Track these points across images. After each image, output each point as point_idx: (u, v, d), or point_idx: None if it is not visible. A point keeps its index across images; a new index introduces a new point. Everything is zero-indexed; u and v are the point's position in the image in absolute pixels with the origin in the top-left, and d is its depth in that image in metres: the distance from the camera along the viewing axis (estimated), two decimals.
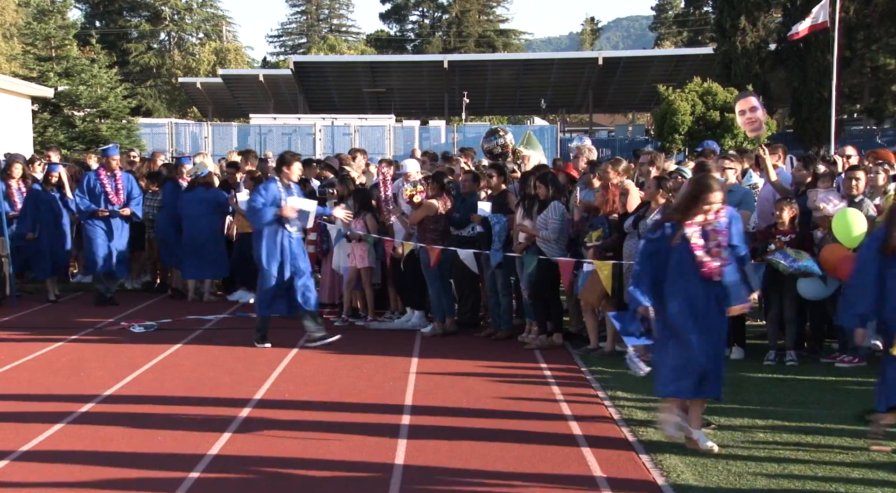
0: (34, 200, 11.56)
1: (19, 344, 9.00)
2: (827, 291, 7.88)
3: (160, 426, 6.27)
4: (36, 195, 11.59)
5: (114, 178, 11.48)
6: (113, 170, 11.54)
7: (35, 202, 11.55)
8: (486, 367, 8.05)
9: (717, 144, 13.22)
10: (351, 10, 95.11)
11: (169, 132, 38.08)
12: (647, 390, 7.17)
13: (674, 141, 29.64)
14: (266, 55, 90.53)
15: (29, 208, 11.59)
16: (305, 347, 8.86)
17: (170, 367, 8.16)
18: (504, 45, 78.72)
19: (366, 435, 6.04)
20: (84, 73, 29.29)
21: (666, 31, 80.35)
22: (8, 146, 15.93)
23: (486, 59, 52.48)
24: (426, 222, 9.55)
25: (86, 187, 11.34)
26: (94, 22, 70.95)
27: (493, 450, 5.72)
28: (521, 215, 8.93)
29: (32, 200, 11.57)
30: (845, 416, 6.45)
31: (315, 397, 7.05)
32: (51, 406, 6.74)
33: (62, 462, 5.50)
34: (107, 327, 9.96)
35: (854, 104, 42.71)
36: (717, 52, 36.36)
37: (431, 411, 6.65)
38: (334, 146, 33.81)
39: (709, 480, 5.15)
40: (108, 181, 11.41)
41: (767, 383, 7.46)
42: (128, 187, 11.54)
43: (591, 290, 8.35)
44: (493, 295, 9.47)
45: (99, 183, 11.37)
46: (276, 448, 5.77)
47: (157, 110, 62.81)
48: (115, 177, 11.50)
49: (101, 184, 11.37)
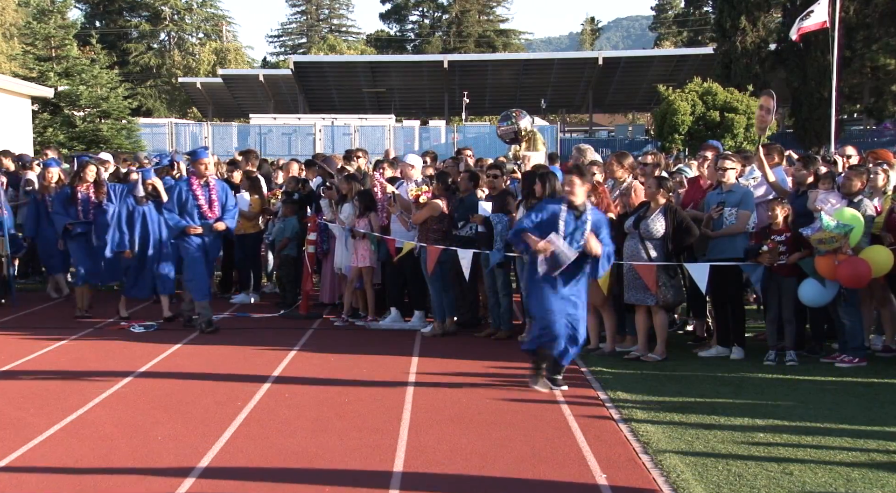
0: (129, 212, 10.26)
1: (19, 344, 9.00)
2: (827, 295, 7.88)
3: (160, 425, 6.27)
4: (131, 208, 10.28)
5: (207, 187, 9.83)
6: (205, 177, 9.87)
7: (130, 215, 10.26)
8: (486, 367, 8.05)
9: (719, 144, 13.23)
10: (351, 10, 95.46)
11: (169, 132, 38.13)
12: (647, 391, 7.19)
13: (674, 141, 29.66)
14: (266, 55, 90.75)
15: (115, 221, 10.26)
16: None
17: (170, 367, 8.16)
18: (504, 45, 78.73)
19: (366, 435, 6.04)
20: (84, 73, 29.34)
21: (666, 31, 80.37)
22: (8, 146, 15.93)
23: (486, 59, 52.49)
24: (429, 222, 9.54)
25: (175, 199, 9.70)
26: (94, 22, 70.99)
27: (493, 450, 5.72)
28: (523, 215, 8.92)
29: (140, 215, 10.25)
30: (845, 416, 6.45)
31: (315, 397, 7.05)
32: (51, 406, 6.74)
33: (62, 462, 5.50)
34: (107, 327, 9.97)
35: (854, 104, 42.73)
36: (717, 52, 36.40)
37: (431, 411, 6.65)
38: (334, 146, 33.84)
39: (709, 480, 5.15)
40: (201, 191, 9.76)
41: (767, 383, 7.46)
42: (222, 198, 9.89)
43: (590, 290, 8.33)
44: (493, 295, 9.47)
45: (191, 194, 9.71)
46: (276, 448, 5.77)
47: (157, 110, 62.87)
48: (209, 185, 9.84)
49: (194, 195, 9.71)
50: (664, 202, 8.22)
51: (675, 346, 8.67)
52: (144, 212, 10.28)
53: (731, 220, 8.38)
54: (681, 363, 8.16)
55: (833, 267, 7.64)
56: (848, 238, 7.64)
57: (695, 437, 5.95)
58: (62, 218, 10.46)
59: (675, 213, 8.19)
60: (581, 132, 52.92)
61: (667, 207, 8.20)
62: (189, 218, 9.64)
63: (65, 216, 10.44)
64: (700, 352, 8.57)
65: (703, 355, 8.49)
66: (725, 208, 8.40)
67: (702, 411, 6.58)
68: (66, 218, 10.41)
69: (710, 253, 8.46)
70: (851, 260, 7.66)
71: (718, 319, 8.69)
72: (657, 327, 8.28)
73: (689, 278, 8.37)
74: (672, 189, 8.68)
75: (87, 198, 10.45)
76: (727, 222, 8.40)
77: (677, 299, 8.48)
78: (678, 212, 8.24)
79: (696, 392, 7.17)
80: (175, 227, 9.68)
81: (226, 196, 9.95)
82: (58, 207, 10.59)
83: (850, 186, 8.21)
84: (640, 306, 8.28)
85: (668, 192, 8.36)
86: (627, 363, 8.15)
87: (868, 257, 7.72)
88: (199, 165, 9.77)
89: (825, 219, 7.62)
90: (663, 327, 8.31)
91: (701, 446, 5.78)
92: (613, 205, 8.72)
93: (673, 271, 8.22)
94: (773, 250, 7.97)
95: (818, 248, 7.73)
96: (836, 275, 7.67)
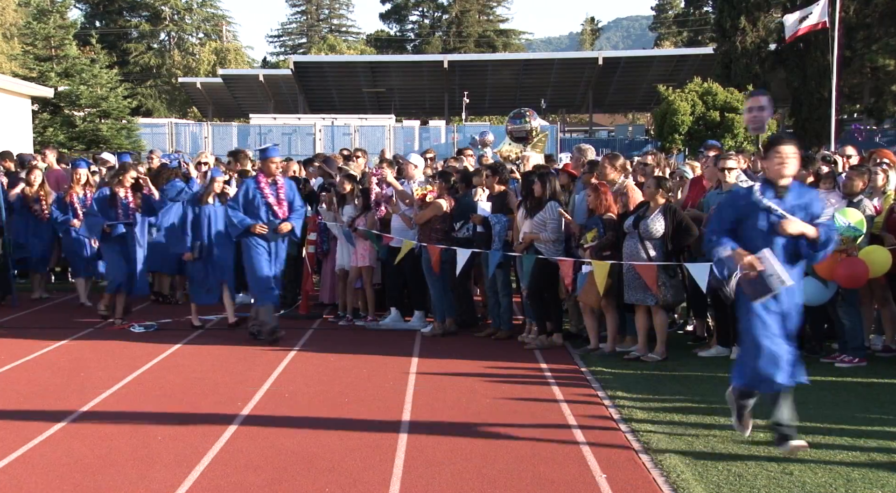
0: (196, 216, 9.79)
1: (19, 344, 9.00)
2: (827, 295, 7.88)
3: (160, 425, 6.27)
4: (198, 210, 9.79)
5: (275, 185, 9.39)
6: (274, 175, 9.41)
7: (197, 218, 9.77)
8: (486, 367, 8.05)
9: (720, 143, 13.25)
10: (351, 10, 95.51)
11: (169, 132, 38.13)
12: (647, 390, 7.19)
13: (674, 141, 29.69)
14: (266, 55, 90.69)
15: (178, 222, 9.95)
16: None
17: (170, 367, 8.16)
18: (504, 45, 78.75)
19: (366, 435, 6.04)
20: (84, 73, 29.35)
21: (666, 31, 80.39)
22: (8, 146, 15.93)
23: (486, 59, 52.52)
24: (432, 222, 9.53)
25: (242, 197, 9.29)
26: (94, 22, 71.01)
27: (493, 450, 5.72)
28: (523, 215, 8.93)
29: (206, 214, 9.78)
30: (845, 416, 6.44)
31: (315, 397, 7.05)
32: (51, 406, 6.74)
33: (62, 462, 5.50)
34: (107, 327, 9.96)
35: (854, 104, 42.74)
36: (717, 52, 36.42)
37: (431, 411, 6.65)
38: (334, 146, 33.84)
39: (709, 480, 5.15)
40: (269, 190, 9.32)
41: None
42: (290, 196, 9.42)
43: (590, 291, 8.36)
44: (492, 295, 9.47)
45: (259, 192, 9.28)
46: (276, 448, 5.77)
47: (157, 110, 62.89)
48: (277, 184, 9.39)
49: (262, 193, 9.28)
50: (663, 202, 8.22)
51: (675, 346, 8.67)
52: (209, 213, 9.82)
53: None
54: (681, 363, 8.16)
55: (831, 267, 7.64)
56: (856, 241, 7.65)
57: (695, 437, 5.95)
58: (98, 219, 10.00)
59: (675, 213, 8.19)
60: (581, 132, 52.90)
61: (666, 207, 8.20)
62: (254, 218, 9.20)
63: (101, 218, 9.98)
64: (700, 352, 8.57)
65: (703, 355, 8.49)
66: None
67: (702, 411, 6.57)
68: (101, 219, 9.95)
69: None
70: (849, 260, 7.66)
71: (718, 319, 8.69)
72: (657, 327, 8.28)
73: (689, 277, 8.37)
74: (671, 189, 8.68)
75: (127, 202, 10.12)
76: None
77: (677, 299, 8.48)
78: (677, 212, 8.24)
79: (696, 392, 7.17)
80: (239, 225, 9.18)
81: (294, 196, 9.51)
82: (96, 208, 10.11)
83: (852, 187, 8.21)
84: (640, 306, 8.28)
85: (667, 192, 8.37)
86: (627, 363, 8.15)
87: (866, 257, 7.72)
88: (268, 164, 9.31)
89: (838, 219, 7.61)
90: (663, 327, 8.31)
91: (701, 446, 5.78)
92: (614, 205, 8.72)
93: (673, 270, 8.22)
94: None
95: None
96: (834, 275, 7.67)
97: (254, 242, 9.23)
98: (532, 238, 8.73)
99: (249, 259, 9.27)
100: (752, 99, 9.87)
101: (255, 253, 9.22)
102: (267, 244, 9.27)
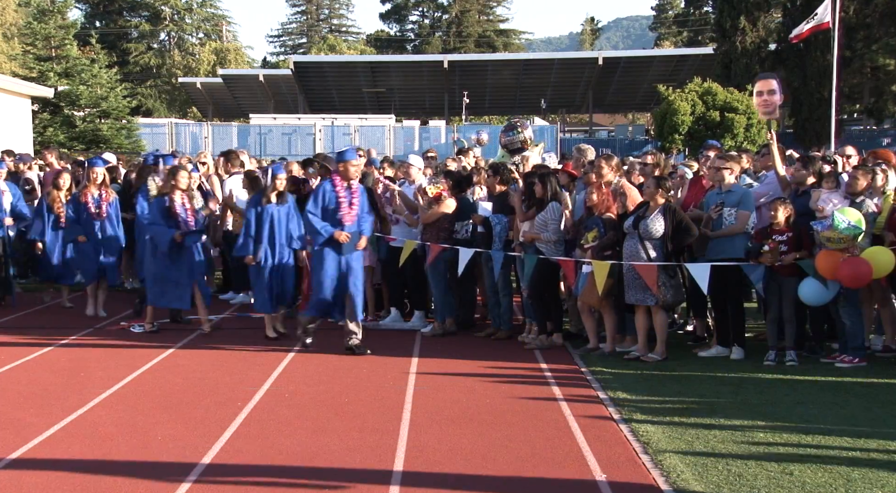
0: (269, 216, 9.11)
1: (19, 344, 9.00)
2: (828, 295, 7.87)
3: (160, 425, 6.27)
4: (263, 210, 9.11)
5: (349, 190, 8.70)
6: (352, 179, 8.73)
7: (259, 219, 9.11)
8: (486, 367, 8.05)
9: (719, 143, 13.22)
10: (351, 10, 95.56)
11: (169, 132, 38.11)
12: (647, 391, 7.19)
13: (674, 141, 29.69)
14: (266, 55, 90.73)
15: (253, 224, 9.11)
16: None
17: (170, 367, 8.16)
18: (504, 45, 78.76)
19: (366, 435, 6.04)
20: (84, 73, 29.36)
21: (666, 31, 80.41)
22: (8, 146, 15.94)
23: (486, 59, 52.53)
24: (440, 221, 9.51)
25: (320, 200, 8.59)
26: (94, 22, 71.03)
27: (493, 450, 5.72)
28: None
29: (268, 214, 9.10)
30: (845, 416, 6.44)
31: (315, 397, 7.05)
32: (51, 406, 6.74)
33: (62, 462, 5.50)
34: (107, 327, 9.96)
35: (854, 104, 42.71)
36: (717, 52, 36.42)
37: (431, 411, 6.65)
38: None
39: (709, 480, 5.15)
40: (344, 194, 8.62)
41: (767, 384, 7.46)
42: (361, 202, 8.78)
43: (591, 291, 8.35)
44: (493, 295, 9.47)
45: (335, 196, 8.61)
46: (276, 449, 5.77)
47: (157, 110, 62.91)
48: (351, 189, 8.72)
49: (338, 198, 8.59)
50: (663, 202, 8.22)
51: (675, 346, 8.67)
52: (272, 214, 9.12)
53: (730, 220, 8.38)
54: (681, 363, 8.16)
55: (834, 267, 7.63)
56: (856, 240, 7.65)
57: (695, 437, 5.95)
58: (164, 229, 9.22)
59: (675, 213, 8.19)
60: (581, 132, 52.93)
61: (666, 207, 8.19)
62: (332, 223, 8.50)
63: (166, 227, 9.23)
64: (700, 352, 8.57)
65: (703, 355, 8.49)
66: (725, 208, 8.40)
67: (702, 411, 6.58)
68: (167, 229, 9.21)
69: (710, 253, 8.46)
70: (852, 260, 7.64)
71: (718, 319, 8.69)
72: (657, 327, 8.28)
73: (689, 277, 8.37)
74: (671, 189, 8.68)
75: (186, 207, 9.39)
76: (727, 222, 8.40)
77: (677, 299, 8.48)
78: (677, 212, 8.24)
79: (696, 392, 7.17)
80: (323, 232, 8.44)
81: (365, 202, 8.85)
82: (156, 217, 9.36)
83: (856, 186, 8.21)
84: (640, 306, 8.27)
85: (666, 191, 8.36)
86: (627, 363, 8.15)
87: (870, 257, 7.71)
88: (347, 166, 8.58)
89: (837, 218, 7.61)
90: (663, 327, 8.31)
91: (701, 446, 5.78)
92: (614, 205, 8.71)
93: (673, 270, 8.21)
94: (773, 251, 7.97)
95: (826, 245, 7.72)
96: (837, 275, 7.66)
97: (327, 252, 8.54)
98: (533, 237, 8.73)
99: (318, 270, 8.58)
100: (762, 82, 9.32)
101: (327, 264, 8.52)
102: (339, 256, 8.56)
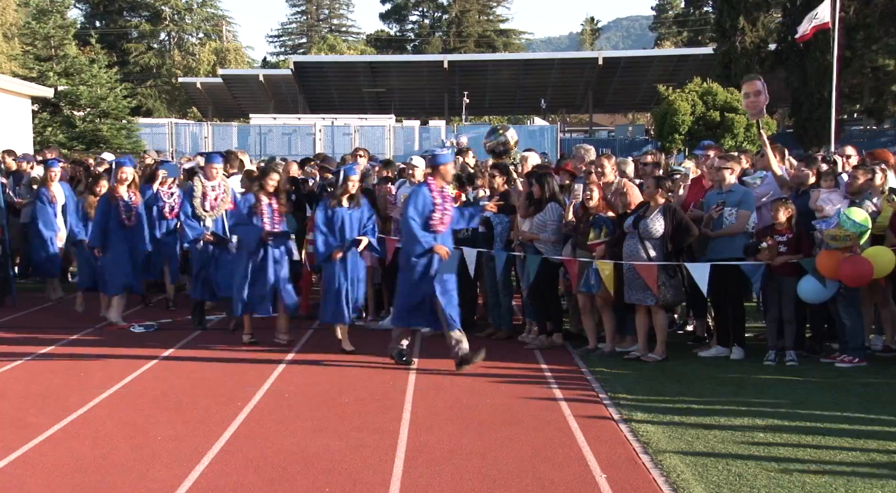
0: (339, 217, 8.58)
1: (19, 344, 9.00)
2: (827, 293, 7.88)
3: (160, 425, 6.27)
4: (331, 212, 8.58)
5: (442, 194, 8.18)
6: (449, 182, 8.32)
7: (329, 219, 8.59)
8: (486, 367, 8.04)
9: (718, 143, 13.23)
10: (351, 10, 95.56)
11: (169, 132, 38.10)
12: (647, 391, 7.19)
13: (674, 141, 29.69)
14: (266, 55, 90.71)
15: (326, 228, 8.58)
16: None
17: (170, 367, 8.16)
18: (504, 45, 78.76)
19: (366, 435, 6.04)
20: (84, 72, 29.31)
21: (666, 31, 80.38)
22: (8, 146, 15.94)
23: (486, 59, 52.58)
24: None
25: (420, 205, 8.00)
26: (94, 22, 71.00)
27: (494, 450, 5.72)
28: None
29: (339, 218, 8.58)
30: (845, 416, 6.44)
31: (315, 397, 7.05)
32: (51, 406, 6.74)
33: (62, 462, 5.50)
34: (107, 327, 9.96)
35: (854, 104, 42.72)
36: (717, 52, 36.42)
37: (431, 411, 6.65)
38: (334, 146, 33.85)
39: (709, 480, 5.15)
40: (439, 200, 8.07)
41: (767, 383, 7.46)
42: (452, 211, 8.24)
43: (604, 288, 8.32)
44: (493, 295, 9.47)
45: (432, 201, 8.01)
46: (276, 448, 5.77)
47: (157, 110, 62.88)
48: (444, 194, 8.20)
49: (434, 202, 8.02)
50: (663, 202, 8.22)
51: (675, 346, 8.67)
52: (343, 218, 8.61)
53: (730, 220, 8.39)
54: (681, 363, 8.16)
55: (835, 266, 7.63)
56: (860, 239, 7.65)
57: (695, 437, 5.95)
58: (252, 229, 8.81)
59: (675, 212, 8.19)
60: (581, 132, 52.91)
61: (666, 207, 8.20)
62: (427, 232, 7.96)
63: (254, 227, 8.81)
64: (700, 352, 8.58)
65: (703, 355, 8.49)
66: (725, 208, 8.41)
67: (702, 411, 6.58)
68: (254, 227, 8.80)
69: (710, 253, 8.47)
70: (854, 259, 7.64)
71: (718, 319, 8.69)
72: (657, 327, 8.28)
73: (689, 277, 8.37)
74: (671, 189, 8.68)
75: (273, 208, 8.92)
76: (727, 222, 8.40)
77: (677, 299, 8.48)
78: (677, 212, 8.24)
79: (696, 392, 7.17)
80: (424, 242, 7.85)
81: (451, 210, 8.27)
82: (241, 216, 8.99)
83: (856, 185, 8.21)
84: (640, 306, 8.27)
85: (666, 191, 8.36)
86: (627, 363, 8.15)
87: (871, 256, 7.71)
88: (444, 169, 8.08)
89: (844, 217, 7.61)
90: (663, 327, 8.31)
91: (701, 446, 5.78)
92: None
93: (672, 270, 8.21)
94: (772, 248, 7.97)
95: (829, 243, 7.72)
96: (839, 273, 7.66)
97: (415, 262, 7.92)
98: (531, 238, 8.73)
99: (407, 281, 8.01)
100: (747, 84, 9.91)
101: (413, 274, 7.95)
102: (425, 267, 7.94)
